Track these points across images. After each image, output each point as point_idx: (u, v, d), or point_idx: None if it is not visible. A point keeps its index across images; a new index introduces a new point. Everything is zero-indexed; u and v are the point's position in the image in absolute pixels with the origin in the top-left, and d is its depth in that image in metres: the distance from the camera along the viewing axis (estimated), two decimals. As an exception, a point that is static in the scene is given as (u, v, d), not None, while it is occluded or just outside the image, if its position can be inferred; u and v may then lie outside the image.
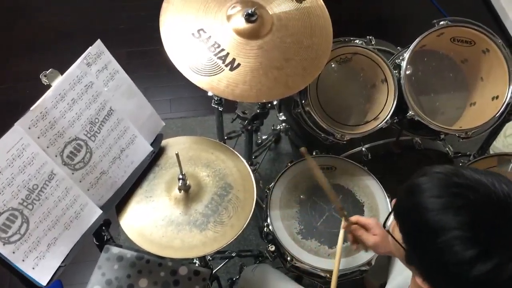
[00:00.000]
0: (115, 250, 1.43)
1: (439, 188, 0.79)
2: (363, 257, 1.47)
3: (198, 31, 1.39)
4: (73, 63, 1.17)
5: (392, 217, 0.92)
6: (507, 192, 0.76)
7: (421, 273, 0.84)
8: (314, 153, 1.68)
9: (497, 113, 1.55)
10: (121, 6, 3.02)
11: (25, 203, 1.08)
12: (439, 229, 0.76)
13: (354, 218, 1.32)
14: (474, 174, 0.79)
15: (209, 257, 1.83)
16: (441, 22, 1.55)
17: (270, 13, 1.44)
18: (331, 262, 1.46)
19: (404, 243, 0.87)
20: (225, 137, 2.13)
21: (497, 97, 1.58)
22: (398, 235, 0.88)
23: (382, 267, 1.49)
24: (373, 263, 1.47)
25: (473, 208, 0.75)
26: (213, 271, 1.53)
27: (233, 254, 1.94)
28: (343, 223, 1.34)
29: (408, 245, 0.86)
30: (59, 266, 1.15)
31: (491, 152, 2.16)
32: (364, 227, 1.29)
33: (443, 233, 0.76)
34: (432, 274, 0.82)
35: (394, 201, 0.92)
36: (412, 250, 0.85)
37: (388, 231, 0.94)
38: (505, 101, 1.54)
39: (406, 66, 1.55)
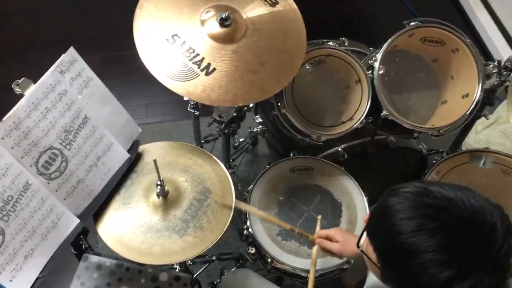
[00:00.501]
0: (94, 258, 1.41)
1: (411, 210, 0.80)
2: (342, 256, 1.49)
3: (173, 36, 1.39)
4: (46, 71, 1.15)
5: (365, 235, 0.93)
6: (477, 208, 0.78)
7: None
8: (291, 155, 1.70)
9: (467, 110, 1.59)
10: (93, 12, 2.99)
11: (0, 215, 1.06)
12: (413, 252, 0.77)
13: (315, 236, 1.39)
14: (443, 191, 0.80)
15: (189, 261, 1.83)
16: (412, 23, 1.59)
17: (244, 17, 1.45)
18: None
19: (379, 263, 0.87)
20: (202, 141, 2.14)
21: (467, 95, 1.62)
22: (372, 253, 0.89)
23: (359, 266, 1.51)
24: (352, 261, 1.49)
25: (445, 229, 0.77)
26: (194, 276, 1.53)
27: (213, 258, 1.94)
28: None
29: (383, 265, 0.87)
30: (37, 277, 1.13)
31: (463, 148, 2.22)
32: (327, 238, 1.34)
33: (417, 256, 0.77)
34: None
35: (366, 217, 0.93)
36: (387, 270, 0.86)
37: (362, 251, 0.95)
38: (475, 99, 1.58)
39: (379, 66, 1.58)
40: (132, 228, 1.27)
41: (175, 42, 1.38)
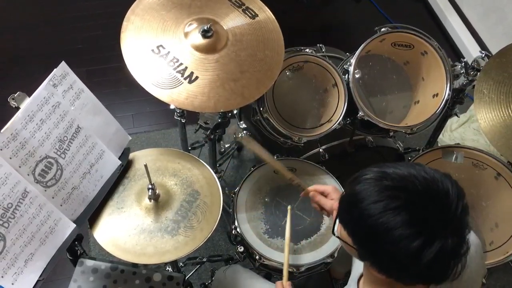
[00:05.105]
0: (89, 262, 1.47)
1: (375, 194, 0.87)
2: (326, 250, 1.57)
3: (158, 47, 1.46)
4: (35, 85, 1.21)
5: (338, 222, 1.00)
6: (429, 179, 0.86)
7: (375, 267, 0.92)
8: (275, 157, 1.77)
9: (437, 109, 1.69)
10: (76, 27, 3.05)
11: (0, 222, 1.12)
12: (384, 231, 0.85)
13: (311, 187, 1.43)
14: (398, 171, 0.88)
15: (181, 263, 1.89)
16: (382, 29, 1.69)
17: (225, 28, 1.53)
18: (297, 257, 1.56)
19: (355, 245, 0.95)
20: (189, 148, 2.20)
21: (437, 95, 1.72)
22: (347, 237, 0.96)
23: (346, 255, 1.59)
24: (335, 255, 1.57)
25: (407, 205, 0.84)
26: (186, 277, 1.59)
27: (204, 260, 2.01)
28: (302, 193, 1.46)
29: (359, 246, 0.94)
30: (37, 280, 1.19)
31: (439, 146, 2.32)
32: (323, 194, 1.39)
33: (388, 234, 0.84)
34: (386, 267, 0.91)
35: (335, 205, 1.00)
36: (364, 250, 0.93)
37: (338, 237, 1.02)
38: (444, 98, 1.69)
39: (354, 70, 1.67)
40: (126, 231, 1.34)
41: (160, 52, 1.46)
